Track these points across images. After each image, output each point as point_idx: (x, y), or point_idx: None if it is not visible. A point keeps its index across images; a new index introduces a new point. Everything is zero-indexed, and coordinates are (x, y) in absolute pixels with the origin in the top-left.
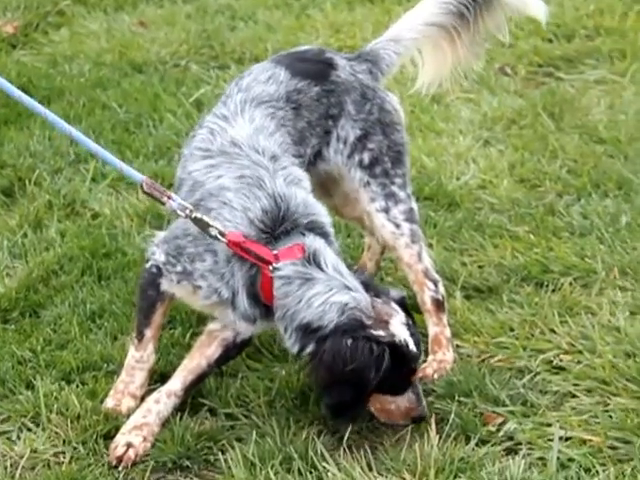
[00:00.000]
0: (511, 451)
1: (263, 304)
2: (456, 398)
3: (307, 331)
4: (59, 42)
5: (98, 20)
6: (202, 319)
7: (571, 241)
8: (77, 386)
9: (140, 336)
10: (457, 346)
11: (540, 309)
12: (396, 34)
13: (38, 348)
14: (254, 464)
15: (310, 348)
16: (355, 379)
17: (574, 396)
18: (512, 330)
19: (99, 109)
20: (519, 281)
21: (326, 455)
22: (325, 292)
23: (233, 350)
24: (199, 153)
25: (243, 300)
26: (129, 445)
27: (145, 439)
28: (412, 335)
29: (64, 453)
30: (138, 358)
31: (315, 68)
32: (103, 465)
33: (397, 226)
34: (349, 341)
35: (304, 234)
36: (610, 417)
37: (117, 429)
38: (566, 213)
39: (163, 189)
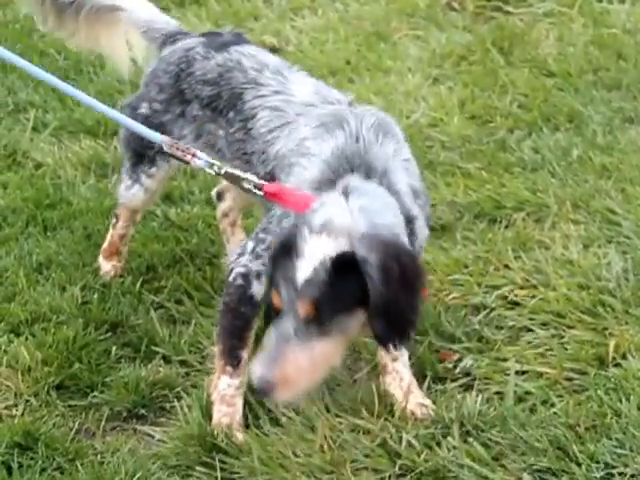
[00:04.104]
0: (468, 387)
1: None
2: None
3: None
4: None
5: None
6: (152, 267)
7: (523, 176)
8: (26, 338)
9: (236, 361)
10: None
11: (494, 245)
12: None
13: None
14: (210, 410)
15: None
16: None
17: (529, 330)
18: (466, 267)
19: (37, 56)
20: (472, 218)
21: None
22: None
23: None
24: (276, 134)
25: None
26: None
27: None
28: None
29: (16, 406)
30: (238, 385)
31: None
32: (57, 416)
33: None
34: None
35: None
36: (565, 349)
37: (70, 378)
38: (517, 148)
39: (186, 147)
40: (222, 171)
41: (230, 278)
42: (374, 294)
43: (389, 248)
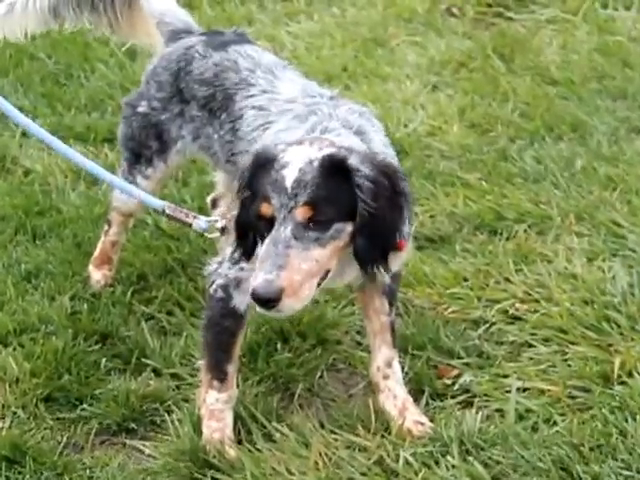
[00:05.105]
0: (468, 404)
1: None
2: (409, 351)
3: None
4: None
5: None
6: (143, 276)
7: (525, 187)
8: (14, 349)
9: (223, 375)
10: (410, 298)
11: (494, 258)
12: None
13: None
14: (202, 424)
15: None
16: None
17: (531, 346)
18: (466, 280)
19: (27, 60)
20: (472, 230)
21: (276, 413)
22: None
23: (392, 286)
24: (258, 132)
25: None
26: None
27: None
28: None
29: (3, 418)
30: (226, 399)
31: None
32: (45, 429)
33: None
34: None
35: None
36: (569, 366)
37: (59, 390)
38: (519, 158)
39: (187, 211)
40: (222, 224)
41: (211, 290)
42: (362, 206)
43: (381, 163)
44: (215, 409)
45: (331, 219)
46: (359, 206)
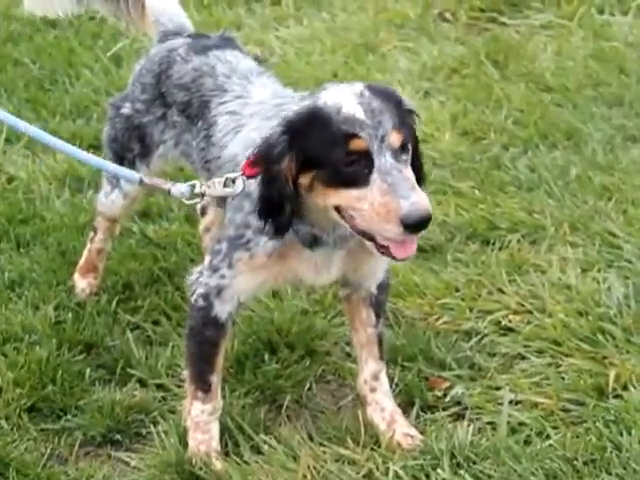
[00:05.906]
0: (459, 416)
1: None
2: (399, 363)
3: None
4: None
5: None
6: (129, 285)
7: (518, 196)
8: None
9: (206, 386)
10: (400, 309)
11: (487, 268)
12: None
13: None
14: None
15: None
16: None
17: (524, 358)
18: (458, 290)
19: (11, 65)
20: (464, 239)
21: (263, 425)
22: None
23: (379, 297)
24: (230, 137)
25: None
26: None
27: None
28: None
29: None
30: (211, 410)
31: None
32: (28, 440)
33: None
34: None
35: None
36: (562, 378)
37: (43, 400)
38: (512, 166)
39: (162, 180)
40: (202, 189)
41: (192, 299)
42: (415, 135)
43: None
44: (200, 421)
45: (408, 141)
46: (414, 131)
